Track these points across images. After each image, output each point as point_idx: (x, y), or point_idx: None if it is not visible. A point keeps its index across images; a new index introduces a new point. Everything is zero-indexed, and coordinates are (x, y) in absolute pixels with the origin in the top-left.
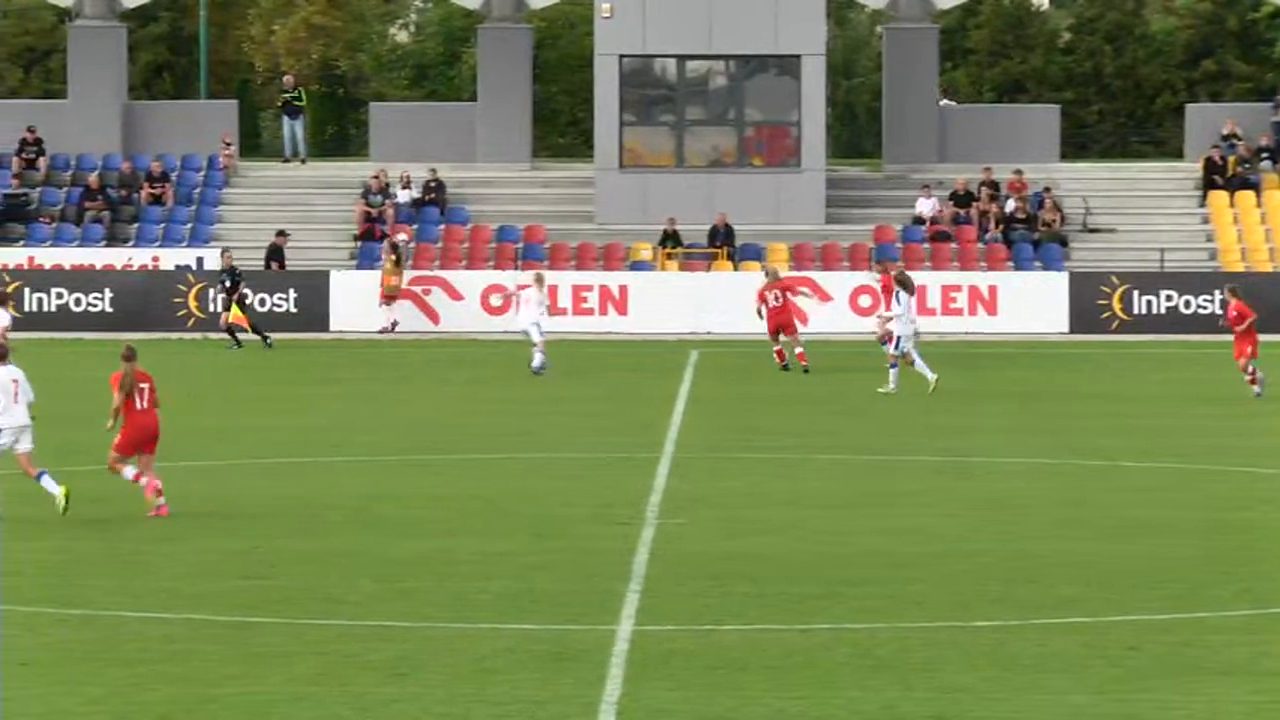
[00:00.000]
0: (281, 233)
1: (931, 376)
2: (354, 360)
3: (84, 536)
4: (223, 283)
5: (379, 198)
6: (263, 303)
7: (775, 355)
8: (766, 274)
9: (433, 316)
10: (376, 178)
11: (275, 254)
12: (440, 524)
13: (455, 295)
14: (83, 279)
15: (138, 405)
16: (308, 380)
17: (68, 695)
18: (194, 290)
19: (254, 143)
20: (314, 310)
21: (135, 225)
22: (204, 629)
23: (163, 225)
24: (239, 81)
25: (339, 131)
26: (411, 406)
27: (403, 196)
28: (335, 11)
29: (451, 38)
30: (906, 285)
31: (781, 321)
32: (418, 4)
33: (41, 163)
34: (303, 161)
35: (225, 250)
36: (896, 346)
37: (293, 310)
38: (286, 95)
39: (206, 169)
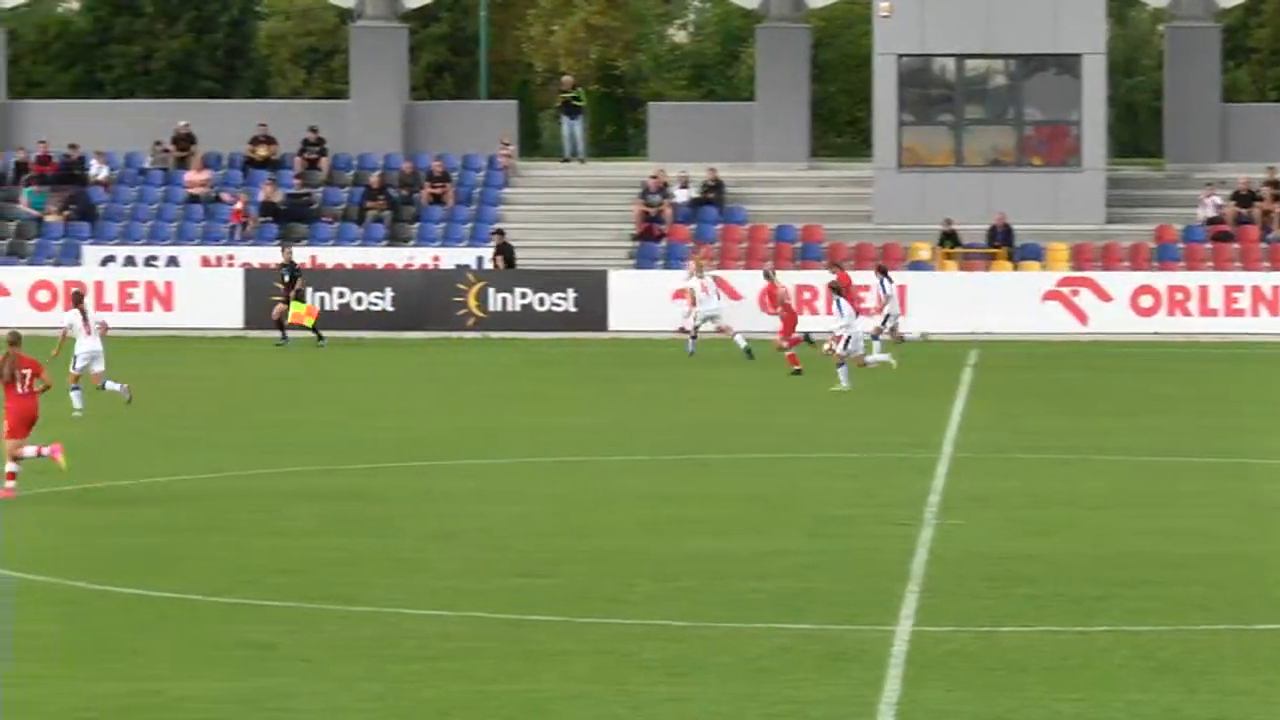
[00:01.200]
0: (499, 231)
1: (845, 385)
2: (633, 359)
3: (363, 535)
4: (282, 278)
5: (657, 197)
6: (541, 302)
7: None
8: (767, 276)
9: None
10: (655, 177)
11: (504, 251)
12: (718, 523)
13: (734, 295)
14: (364, 278)
15: (19, 389)
16: (587, 380)
17: (347, 692)
18: (474, 289)
19: (533, 143)
20: (593, 310)
21: (416, 225)
22: (482, 627)
23: (443, 225)
24: (518, 82)
25: (617, 131)
26: (691, 406)
27: (680, 196)
28: (614, 12)
29: (730, 37)
30: (840, 290)
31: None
32: (696, 4)
33: (323, 163)
34: (581, 161)
35: (284, 246)
36: (845, 346)
37: (572, 310)
38: (565, 95)
39: (486, 169)
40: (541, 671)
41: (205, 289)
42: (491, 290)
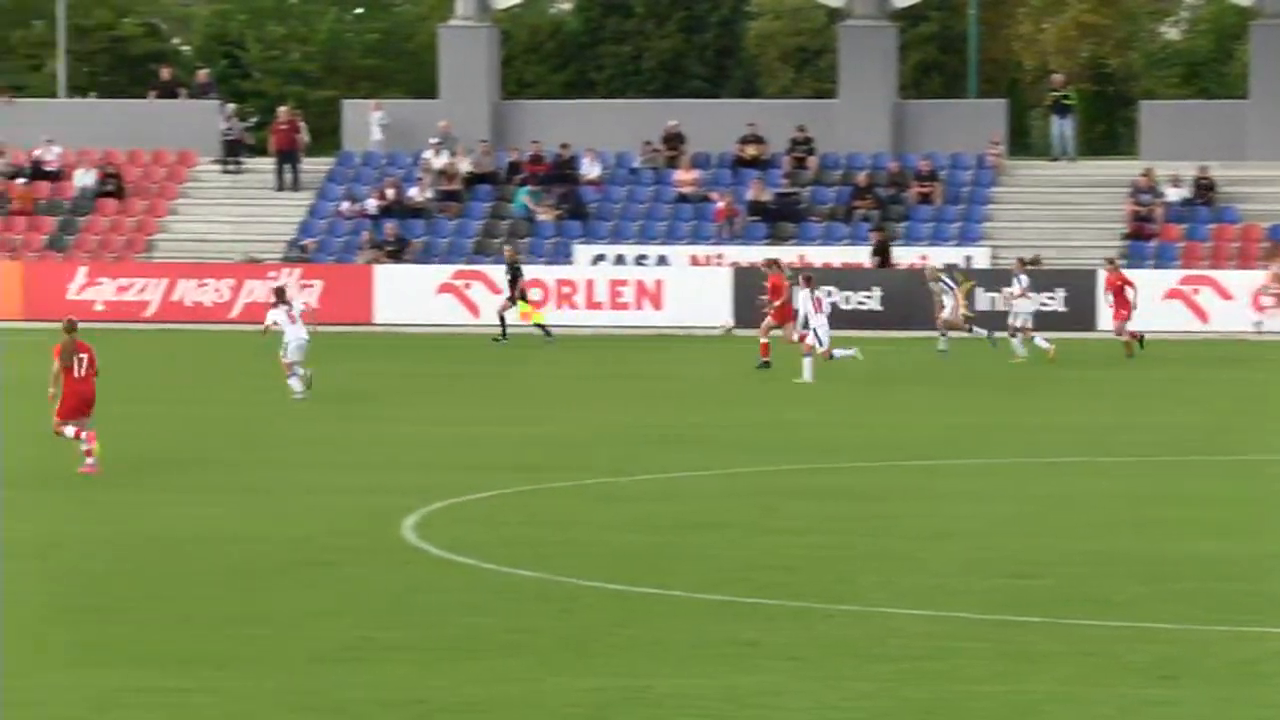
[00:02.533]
0: (879, 228)
1: (808, 377)
2: (1118, 359)
3: (856, 533)
4: (509, 277)
5: (1148, 196)
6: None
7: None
8: (777, 268)
9: (1201, 315)
10: (1145, 176)
11: (881, 250)
12: (1213, 525)
13: (1224, 295)
14: (852, 277)
15: (76, 374)
16: (1071, 380)
17: (833, 690)
18: (963, 289)
19: (1022, 142)
20: (1081, 309)
21: (904, 224)
22: (968, 627)
23: (931, 224)
24: (1008, 80)
25: (1108, 130)
26: (1183, 406)
27: (1172, 195)
28: (1105, 9)
29: (1224, 34)
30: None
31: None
32: (1190, 1)
33: (811, 162)
34: (1071, 160)
35: (507, 245)
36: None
37: (1061, 309)
38: (1055, 94)
39: (975, 168)
40: (1028, 673)
41: (694, 288)
42: (980, 289)
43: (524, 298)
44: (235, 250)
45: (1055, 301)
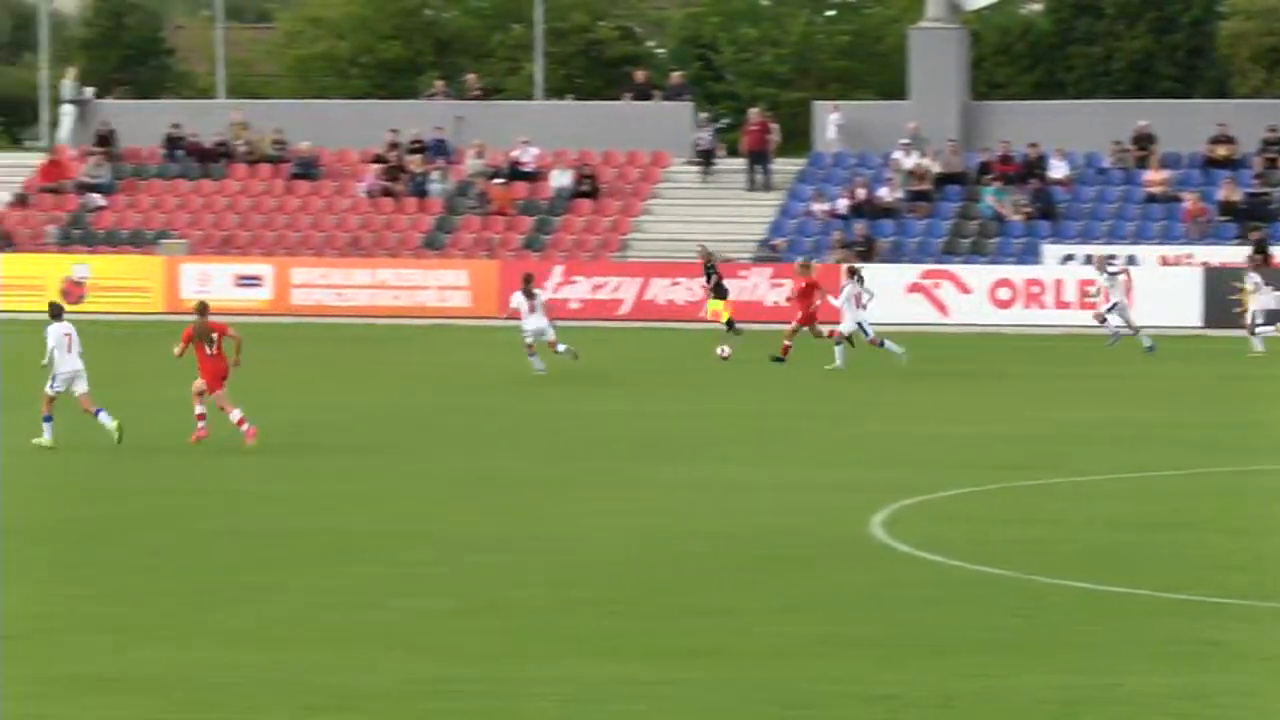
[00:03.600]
0: (1256, 227)
1: (839, 363)
2: None
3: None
4: (705, 275)
5: None
6: None
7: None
8: (808, 269)
9: None
10: None
11: (1261, 250)
12: None
13: None
14: None
15: (208, 351)
16: None
17: None
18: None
19: None
20: None
21: None
22: None
23: None
24: None
25: None
26: None
27: None
28: None
29: None
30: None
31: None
32: None
33: None
34: None
35: (701, 245)
36: (866, 334)
37: None
38: None
39: None
40: None
41: (1163, 288)
42: None
43: (719, 295)
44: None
45: None
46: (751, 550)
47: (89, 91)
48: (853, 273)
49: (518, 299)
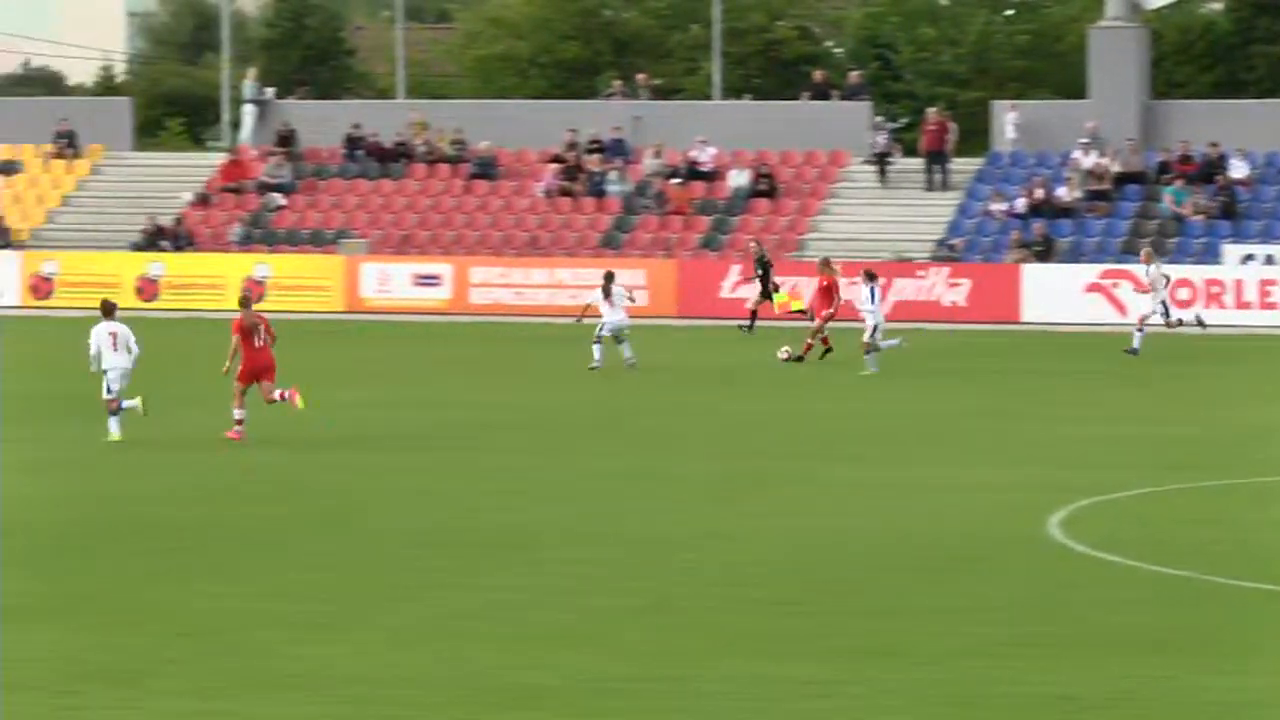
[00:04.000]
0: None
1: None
2: None
3: None
4: (756, 273)
5: None
6: None
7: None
8: (830, 269)
9: None
10: None
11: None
12: None
13: None
14: None
15: (255, 343)
16: None
17: None
18: None
19: None
20: None
21: None
22: None
23: None
24: None
25: None
26: None
27: None
28: None
29: None
30: (874, 278)
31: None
32: None
33: None
34: None
35: (752, 239)
36: (872, 335)
37: None
38: None
39: None
40: None
41: None
42: None
43: (777, 290)
44: (884, 249)
45: None
46: (928, 550)
47: (270, 92)
48: (871, 276)
49: (596, 296)
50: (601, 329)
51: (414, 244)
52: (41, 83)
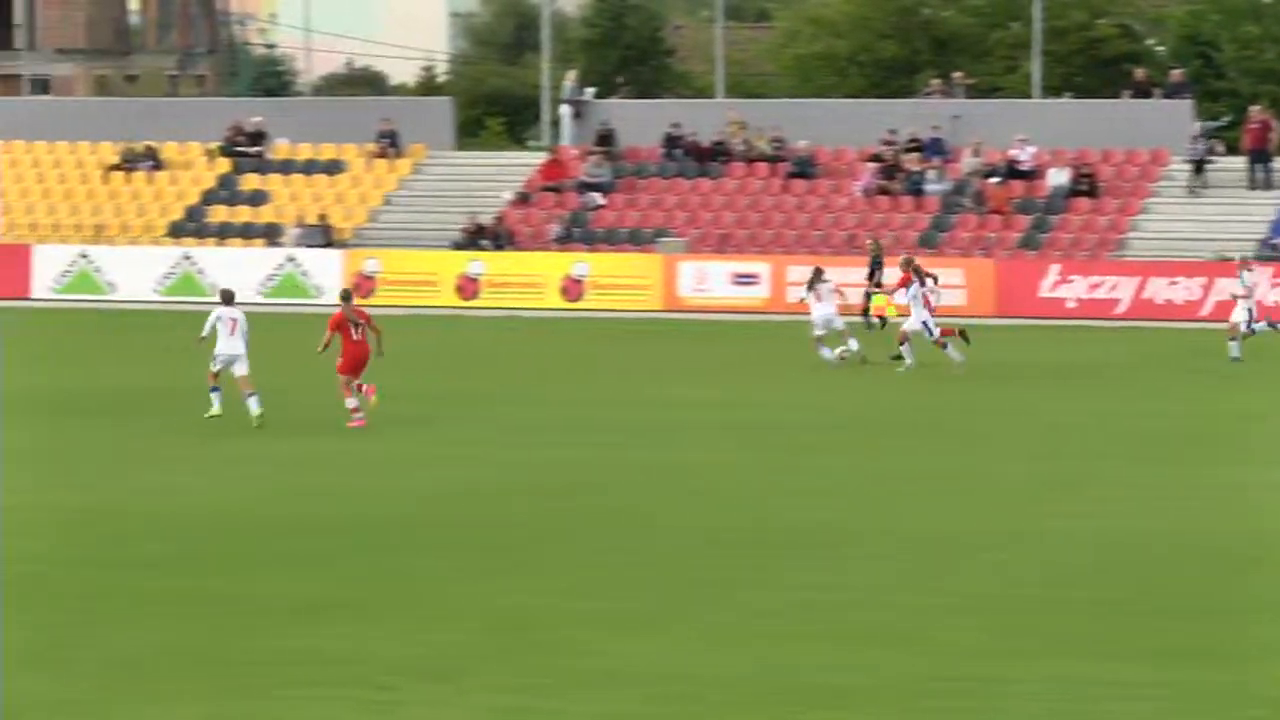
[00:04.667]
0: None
1: (909, 361)
2: None
3: None
4: (870, 272)
5: None
6: None
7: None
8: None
9: None
10: None
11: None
12: None
13: None
14: None
15: (353, 336)
16: None
17: None
18: None
19: None
20: None
21: None
22: None
23: None
24: None
25: None
26: None
27: None
28: None
29: None
30: (920, 275)
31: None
32: None
33: None
34: None
35: (870, 238)
36: (930, 333)
37: None
38: None
39: None
40: None
41: None
42: None
43: (879, 288)
44: (1206, 248)
45: None
46: (1243, 550)
47: (589, 91)
48: (920, 273)
49: (806, 294)
50: (814, 328)
51: (732, 243)
52: (364, 83)
